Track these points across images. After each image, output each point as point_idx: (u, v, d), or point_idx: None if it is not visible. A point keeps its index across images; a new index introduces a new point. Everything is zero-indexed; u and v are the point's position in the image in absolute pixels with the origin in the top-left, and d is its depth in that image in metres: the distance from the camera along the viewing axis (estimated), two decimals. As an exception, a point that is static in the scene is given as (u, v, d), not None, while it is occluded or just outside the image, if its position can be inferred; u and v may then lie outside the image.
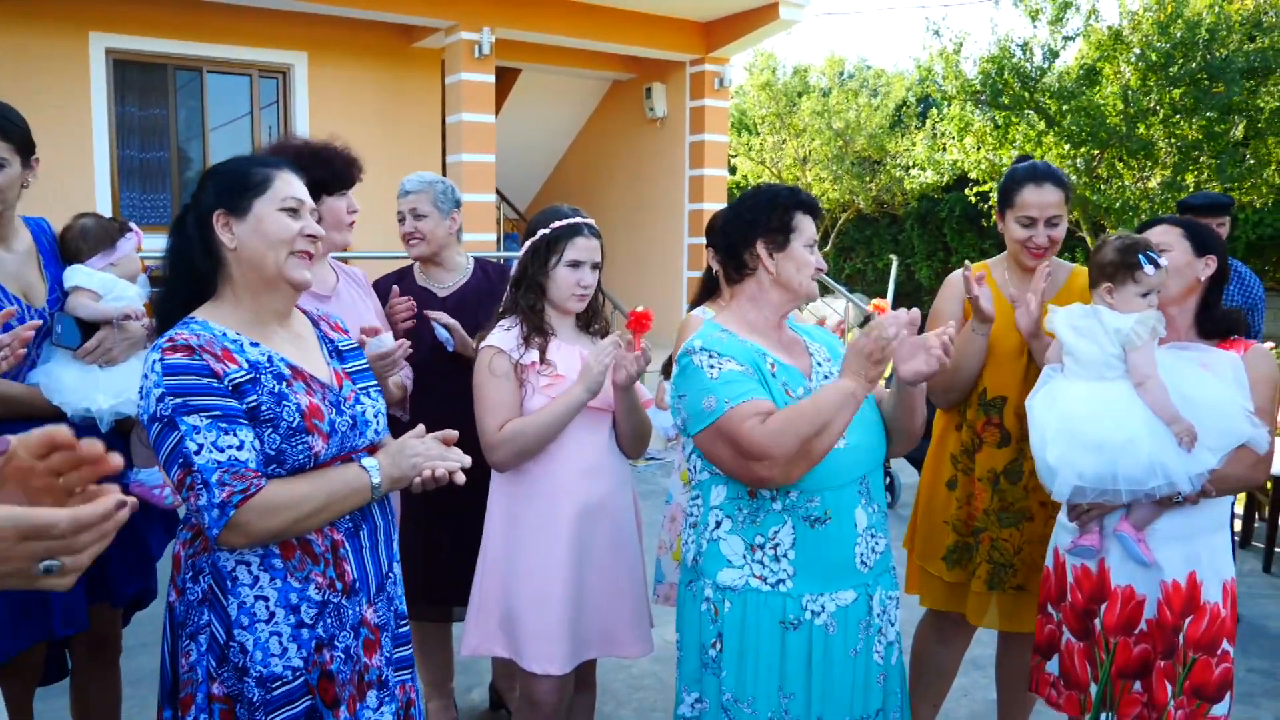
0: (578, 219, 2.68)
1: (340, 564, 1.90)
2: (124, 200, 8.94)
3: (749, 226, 2.20)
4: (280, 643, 1.83)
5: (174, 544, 1.91)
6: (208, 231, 1.87)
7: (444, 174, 9.63)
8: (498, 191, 11.01)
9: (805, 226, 2.20)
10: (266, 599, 1.83)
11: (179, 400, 1.73)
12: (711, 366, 2.08)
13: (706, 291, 3.14)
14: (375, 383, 2.09)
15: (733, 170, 19.08)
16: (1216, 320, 2.49)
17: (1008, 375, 2.84)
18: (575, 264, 2.64)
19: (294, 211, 1.91)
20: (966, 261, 2.84)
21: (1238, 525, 5.67)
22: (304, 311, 2.08)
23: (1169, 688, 2.39)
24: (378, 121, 9.54)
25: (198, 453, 1.72)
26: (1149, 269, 2.38)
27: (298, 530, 1.82)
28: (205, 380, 1.75)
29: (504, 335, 2.64)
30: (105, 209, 8.37)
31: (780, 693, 2.08)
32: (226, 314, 1.88)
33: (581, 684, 2.84)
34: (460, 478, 1.95)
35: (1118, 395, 2.38)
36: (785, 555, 2.08)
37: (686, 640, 2.22)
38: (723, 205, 10.49)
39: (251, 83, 9.39)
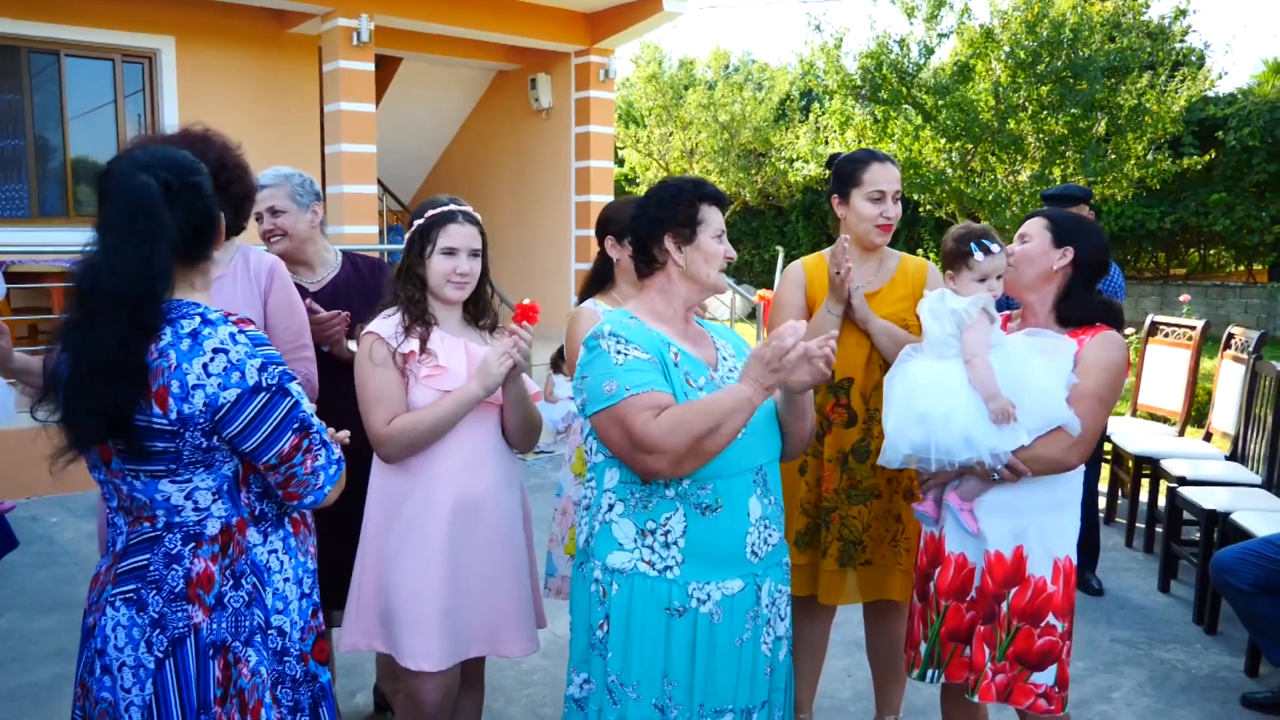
0: (452, 206, 2.65)
1: (313, 534, 2.04)
2: (-25, 191, 8.46)
3: (656, 222, 2.23)
4: (297, 618, 1.92)
5: (188, 565, 1.78)
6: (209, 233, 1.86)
7: (323, 165, 9.37)
8: (380, 183, 10.77)
9: (712, 218, 2.23)
10: (289, 578, 1.91)
11: (281, 368, 1.79)
12: (619, 352, 2.10)
13: (597, 283, 3.11)
14: None
15: (620, 162, 19.12)
16: (1075, 308, 2.59)
17: (853, 358, 2.94)
18: (450, 251, 2.60)
19: None
20: (844, 236, 2.88)
21: (1102, 503, 5.95)
22: None
23: (986, 651, 2.53)
24: (252, 110, 9.22)
25: (311, 415, 1.82)
26: (979, 255, 2.57)
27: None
28: (274, 350, 1.83)
29: (384, 323, 2.59)
30: (-46, 200, 7.88)
31: (665, 679, 2.10)
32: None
33: (469, 682, 2.80)
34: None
35: (950, 372, 2.52)
36: (675, 543, 2.10)
37: (576, 621, 2.23)
38: (609, 197, 10.52)
39: (115, 68, 8.96)
